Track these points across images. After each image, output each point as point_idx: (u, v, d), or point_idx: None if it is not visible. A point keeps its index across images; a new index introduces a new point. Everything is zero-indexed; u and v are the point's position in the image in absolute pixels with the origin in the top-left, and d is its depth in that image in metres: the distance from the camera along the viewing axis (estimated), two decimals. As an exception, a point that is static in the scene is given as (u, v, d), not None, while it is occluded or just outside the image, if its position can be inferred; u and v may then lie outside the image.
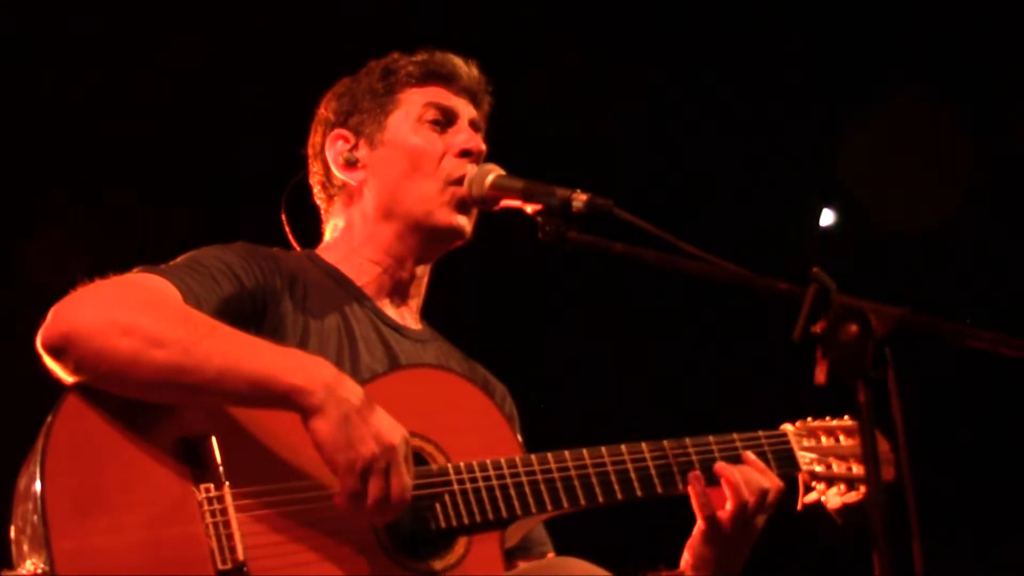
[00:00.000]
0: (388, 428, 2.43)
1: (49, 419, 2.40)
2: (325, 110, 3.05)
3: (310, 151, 3.06)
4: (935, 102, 5.66)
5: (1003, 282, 5.63)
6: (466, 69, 3.02)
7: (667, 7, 5.52)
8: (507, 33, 5.12)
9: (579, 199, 2.56)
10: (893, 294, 2.26)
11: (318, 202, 3.06)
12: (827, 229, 6.05)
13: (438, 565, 2.59)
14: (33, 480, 2.35)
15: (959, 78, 5.62)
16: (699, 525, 2.85)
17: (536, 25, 5.35)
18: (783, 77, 5.64)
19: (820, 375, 2.08)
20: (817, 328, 2.11)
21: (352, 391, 2.43)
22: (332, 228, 3.03)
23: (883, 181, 5.75)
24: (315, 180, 3.06)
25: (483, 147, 2.94)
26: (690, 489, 2.82)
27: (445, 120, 2.97)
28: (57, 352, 2.41)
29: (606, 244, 2.49)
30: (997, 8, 5.48)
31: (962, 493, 5.41)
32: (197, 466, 2.44)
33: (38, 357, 2.45)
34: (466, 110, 3.00)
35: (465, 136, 2.95)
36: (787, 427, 3.01)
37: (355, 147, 2.98)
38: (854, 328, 2.09)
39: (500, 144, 3.02)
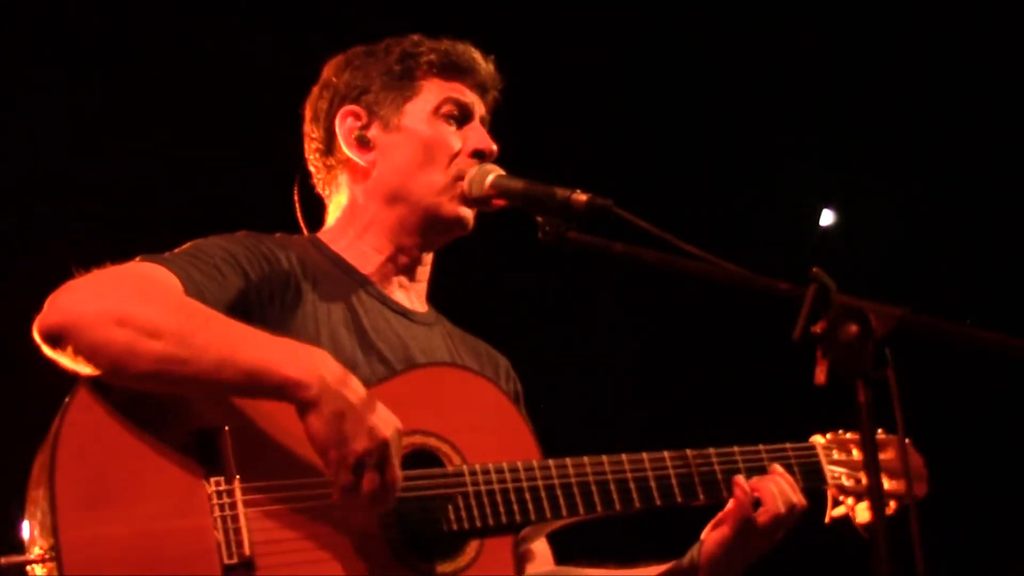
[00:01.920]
0: (382, 422, 2.41)
1: (62, 408, 2.40)
2: (336, 78, 2.99)
3: (308, 112, 3.01)
4: (935, 102, 5.67)
5: (1003, 282, 5.64)
6: (484, 64, 3.00)
7: (668, 7, 5.52)
8: (506, 33, 5.12)
9: (579, 199, 2.56)
10: (893, 294, 2.26)
11: (312, 168, 3.02)
12: (827, 229, 6.05)
13: (448, 567, 2.56)
14: (44, 468, 2.35)
15: (959, 76, 5.62)
16: (720, 529, 2.80)
17: (535, 24, 5.35)
18: (784, 76, 5.64)
19: (820, 375, 2.08)
20: (817, 328, 2.11)
21: (349, 386, 2.42)
22: (334, 208, 2.99)
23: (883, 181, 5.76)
24: (312, 145, 3.00)
25: (495, 148, 2.93)
26: (736, 492, 2.77)
27: (461, 117, 2.96)
28: (53, 341, 2.40)
29: (606, 244, 2.48)
30: (998, 8, 5.48)
31: (962, 493, 5.41)
32: (208, 459, 2.43)
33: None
34: (479, 107, 2.99)
35: (479, 136, 2.93)
36: (816, 439, 2.96)
37: (367, 126, 2.94)
38: (854, 328, 2.09)
39: (498, 143, 3.02)
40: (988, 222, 5.75)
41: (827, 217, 6.06)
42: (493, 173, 2.80)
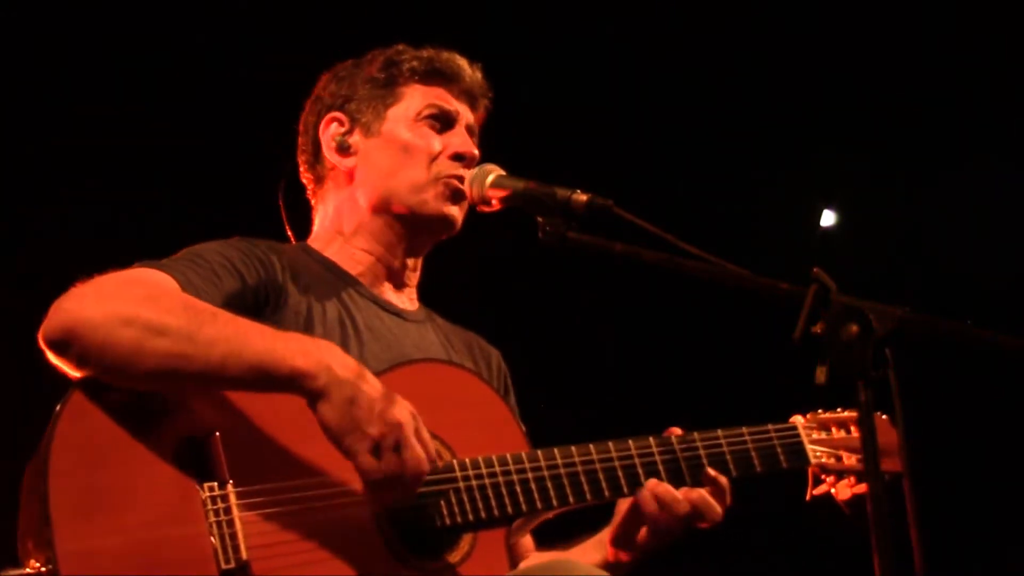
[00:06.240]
0: (394, 405, 2.42)
1: (54, 417, 2.40)
2: (323, 91, 3.06)
3: (301, 127, 3.08)
4: (935, 102, 5.67)
5: (1003, 282, 5.63)
6: (470, 72, 3.03)
7: (667, 7, 5.52)
8: (506, 33, 5.13)
9: (579, 199, 2.57)
10: (893, 294, 2.26)
11: (304, 181, 3.08)
12: (827, 229, 6.06)
13: (443, 562, 2.58)
14: (37, 478, 2.35)
15: (959, 76, 5.63)
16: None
17: (535, 24, 5.35)
18: (784, 76, 5.64)
19: (820, 375, 2.09)
20: (817, 328, 2.11)
21: (358, 373, 2.43)
22: (322, 215, 3.03)
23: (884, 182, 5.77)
24: (302, 157, 3.07)
25: (476, 153, 2.95)
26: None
27: (444, 122, 2.98)
28: (59, 346, 2.41)
29: (606, 244, 2.49)
30: (997, 7, 5.49)
31: (962, 492, 5.41)
32: (201, 465, 2.44)
33: (42, 352, 2.44)
34: (465, 114, 3.01)
35: (461, 139, 2.96)
36: (797, 419, 2.99)
37: (349, 132, 2.99)
38: (854, 328, 2.09)
39: (499, 144, 3.02)
40: (988, 222, 5.74)
41: (827, 217, 6.06)
42: (493, 173, 2.81)
